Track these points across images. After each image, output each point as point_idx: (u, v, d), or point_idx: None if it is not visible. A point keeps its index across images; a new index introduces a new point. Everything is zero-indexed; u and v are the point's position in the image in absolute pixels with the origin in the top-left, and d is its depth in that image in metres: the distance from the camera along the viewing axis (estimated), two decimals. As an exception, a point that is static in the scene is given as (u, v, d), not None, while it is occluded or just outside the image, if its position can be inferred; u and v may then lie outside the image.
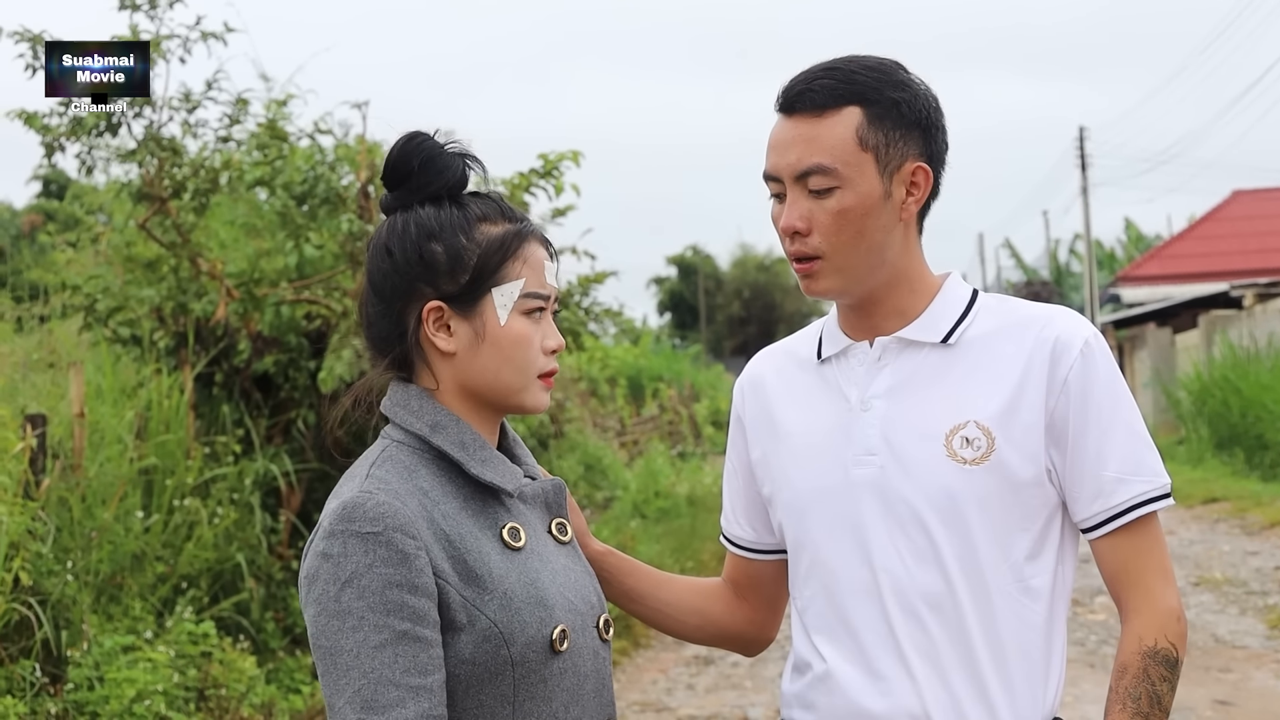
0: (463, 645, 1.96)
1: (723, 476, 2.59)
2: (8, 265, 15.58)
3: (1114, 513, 2.20)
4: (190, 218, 7.90)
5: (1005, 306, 2.30)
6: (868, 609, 2.24)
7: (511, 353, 2.07)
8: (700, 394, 32.57)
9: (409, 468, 2.04)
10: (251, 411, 8.17)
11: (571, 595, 2.09)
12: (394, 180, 2.11)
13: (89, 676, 5.78)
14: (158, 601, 6.71)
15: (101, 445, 7.20)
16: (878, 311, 2.29)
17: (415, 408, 2.08)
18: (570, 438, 16.41)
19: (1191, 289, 31.31)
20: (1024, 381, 2.21)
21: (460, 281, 2.05)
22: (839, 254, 2.21)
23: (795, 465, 2.35)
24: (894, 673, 2.22)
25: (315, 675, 5.87)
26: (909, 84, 2.23)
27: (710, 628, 2.56)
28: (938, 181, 2.28)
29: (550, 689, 2.02)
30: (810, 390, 2.37)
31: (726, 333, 67.48)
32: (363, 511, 1.94)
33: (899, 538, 2.22)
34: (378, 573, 1.90)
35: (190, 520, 7.18)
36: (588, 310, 8.77)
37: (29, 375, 8.16)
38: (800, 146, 2.21)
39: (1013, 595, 2.20)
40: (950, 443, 2.20)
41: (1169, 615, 2.18)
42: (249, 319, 8.03)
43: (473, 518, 2.04)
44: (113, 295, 8.15)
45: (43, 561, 6.04)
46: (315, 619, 1.93)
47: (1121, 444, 2.20)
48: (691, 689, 8.66)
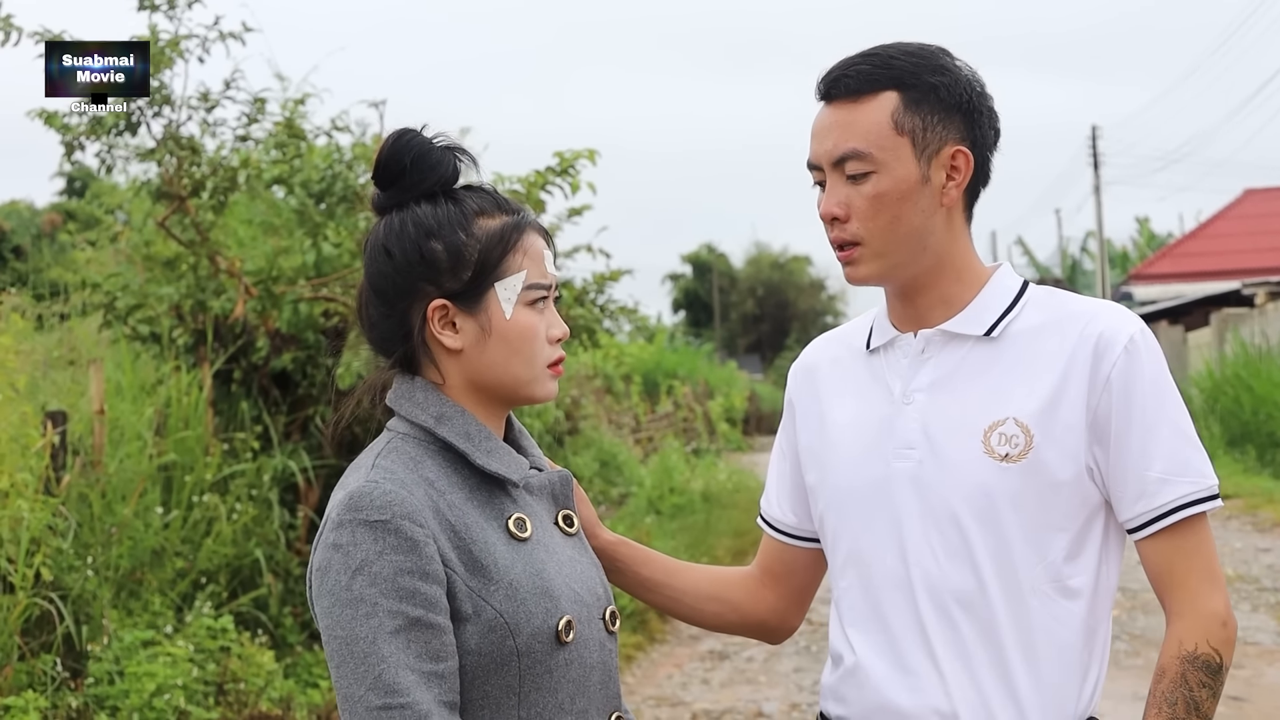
0: (468, 636, 1.95)
1: (771, 458, 2.56)
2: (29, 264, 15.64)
3: (1157, 514, 2.14)
4: (209, 216, 7.90)
5: (1054, 300, 2.25)
6: (899, 603, 2.22)
7: (519, 345, 2.06)
8: (714, 391, 32.54)
9: (414, 459, 2.03)
10: (270, 408, 8.18)
11: (577, 586, 2.07)
12: (386, 179, 2.08)
13: (109, 671, 5.79)
14: (177, 597, 6.72)
15: (121, 442, 7.21)
16: (923, 301, 2.26)
17: (420, 400, 2.07)
18: (585, 434, 16.41)
19: (1203, 287, 31.21)
20: (1066, 378, 2.16)
21: (463, 278, 2.04)
22: (877, 239, 2.19)
23: (839, 455, 2.32)
24: (923, 669, 2.19)
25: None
26: (949, 69, 2.20)
27: (730, 615, 2.53)
28: (986, 167, 2.24)
29: (556, 680, 2.01)
30: (859, 380, 2.34)
31: (740, 330, 67.46)
32: (370, 500, 1.93)
33: (933, 534, 2.19)
34: (388, 560, 1.90)
35: (209, 516, 7.19)
36: (603, 308, 8.76)
37: (50, 373, 8.17)
38: (837, 133, 2.19)
39: (1048, 595, 2.16)
40: (988, 439, 2.17)
41: (1213, 620, 2.13)
42: (267, 316, 8.03)
43: (479, 508, 2.03)
44: (132, 293, 8.17)
45: (63, 557, 6.05)
46: (329, 610, 1.92)
47: (1166, 443, 2.14)
48: (706, 684, 8.65)
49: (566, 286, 8.48)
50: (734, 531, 13.91)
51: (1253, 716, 7.12)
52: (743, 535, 13.64)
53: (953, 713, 2.17)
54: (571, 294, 8.46)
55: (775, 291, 67.77)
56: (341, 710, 1.92)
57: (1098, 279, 39.06)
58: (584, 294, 8.49)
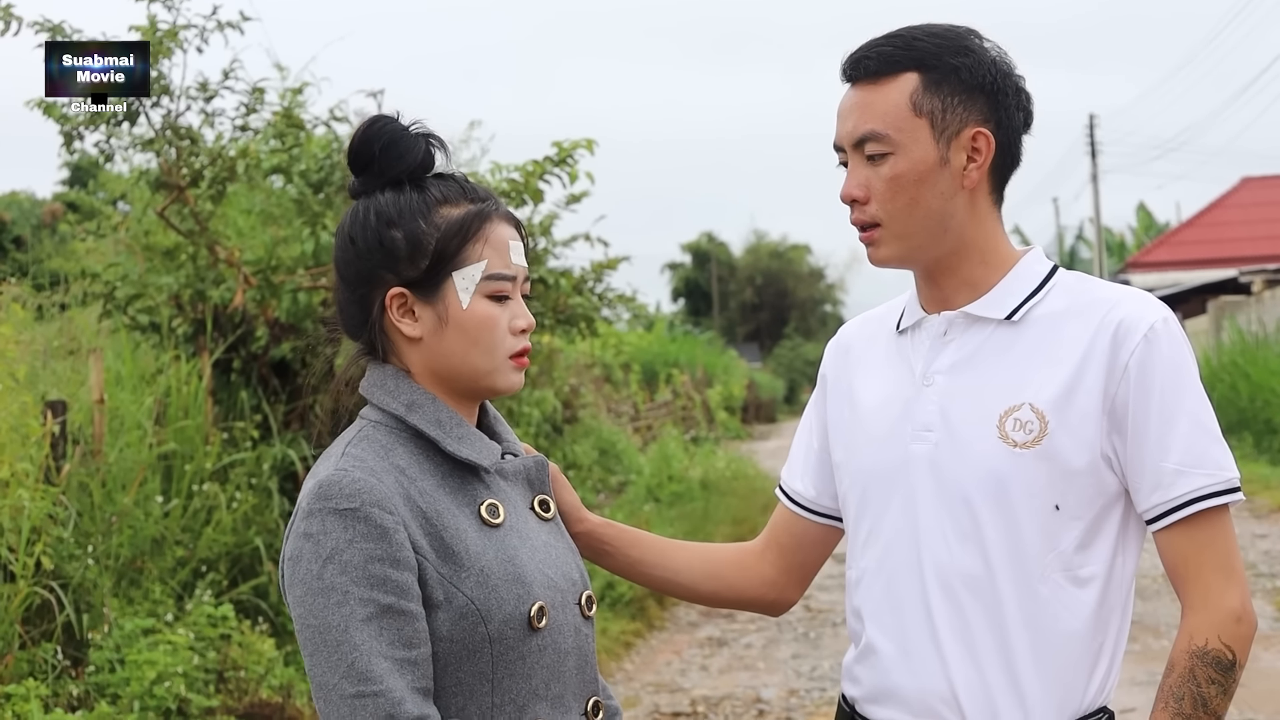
0: (440, 622, 1.95)
1: (797, 431, 2.54)
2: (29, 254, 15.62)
3: (1172, 505, 2.11)
4: (208, 206, 7.89)
5: (1081, 286, 2.22)
6: (909, 586, 2.21)
7: (477, 335, 2.04)
8: (713, 379, 32.55)
9: (386, 446, 2.02)
10: (269, 397, 8.17)
11: (551, 572, 2.06)
12: (358, 166, 2.08)
13: (110, 659, 5.79)
14: (177, 585, 6.72)
15: (121, 431, 7.21)
16: (948, 284, 2.24)
17: (391, 388, 2.07)
18: (584, 423, 16.41)
19: (1200, 275, 31.22)
20: (1084, 365, 2.13)
21: (420, 267, 2.03)
22: (896, 221, 2.18)
23: (864, 435, 2.31)
24: (925, 651, 2.18)
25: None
26: (974, 50, 2.18)
27: (728, 592, 2.52)
28: (1013, 149, 2.22)
29: (529, 666, 2.00)
30: (887, 360, 2.33)
31: (739, 319, 67.45)
32: (339, 489, 1.93)
33: (944, 517, 2.17)
34: (358, 548, 1.90)
35: (209, 505, 7.19)
36: (601, 296, 8.75)
37: (49, 362, 8.16)
38: (857, 114, 2.19)
39: (1058, 583, 2.13)
40: (1003, 424, 2.14)
41: (1226, 615, 2.10)
42: (266, 306, 8.02)
43: (450, 495, 2.02)
44: (132, 283, 8.16)
45: (64, 546, 6.05)
46: (301, 599, 1.92)
47: (1184, 435, 2.10)
48: (705, 670, 8.66)
49: (565, 275, 8.46)
50: (732, 519, 13.92)
51: (1248, 700, 7.12)
52: (741, 522, 13.65)
53: (953, 696, 2.16)
54: (570, 282, 8.43)
55: (774, 280, 67.75)
56: (316, 698, 1.92)
57: (1095, 267, 39.05)
58: (582, 282, 8.47)
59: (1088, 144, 42.25)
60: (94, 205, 12.52)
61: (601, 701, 2.14)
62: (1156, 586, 10.09)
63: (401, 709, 1.86)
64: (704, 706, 7.73)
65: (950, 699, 2.16)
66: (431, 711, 1.90)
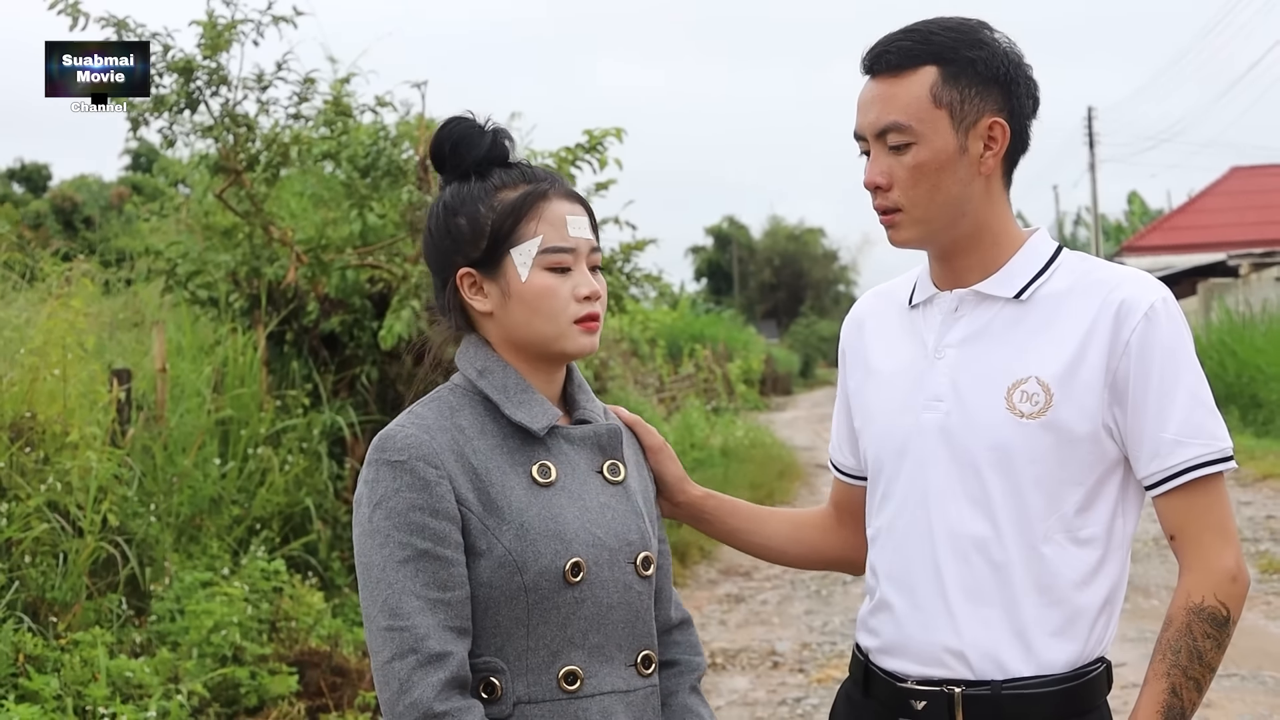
0: (482, 569, 2.01)
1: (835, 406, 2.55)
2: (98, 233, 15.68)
3: (1171, 473, 2.12)
4: (263, 189, 7.89)
5: (1084, 266, 2.23)
6: (920, 546, 2.21)
7: (537, 305, 2.09)
8: (733, 354, 32.50)
9: (453, 407, 2.10)
10: (319, 367, 8.18)
11: (600, 531, 2.08)
12: (437, 164, 2.18)
13: (170, 609, 5.82)
14: (233, 541, 6.74)
15: (182, 398, 7.25)
16: (961, 263, 2.24)
17: (471, 355, 2.14)
18: (613, 394, 16.41)
19: (1191, 259, 31.03)
20: (1087, 341, 2.13)
21: (481, 247, 2.10)
22: (917, 207, 2.17)
23: (879, 403, 2.32)
24: (935, 607, 2.19)
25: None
26: (987, 42, 2.17)
27: (813, 555, 2.54)
28: (1024, 135, 2.22)
29: (564, 615, 2.03)
30: (901, 333, 2.33)
31: (758, 298, 67.38)
32: (393, 442, 2.02)
33: (954, 482, 2.18)
34: (403, 497, 1.98)
35: (263, 467, 7.21)
36: (629, 275, 8.73)
37: (116, 334, 8.19)
38: (879, 105, 2.18)
39: (1060, 544, 2.14)
40: (1011, 396, 2.15)
41: (1222, 574, 2.11)
42: (317, 282, 8.03)
43: (507, 455, 2.07)
44: (192, 260, 8.19)
45: (128, 504, 6.09)
46: (358, 538, 2.02)
47: (1182, 408, 2.11)
48: (724, 624, 8.67)
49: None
50: (750, 484, 13.91)
51: (1231, 656, 7.09)
52: (758, 488, 13.64)
53: (960, 650, 2.17)
54: (602, 262, 8.41)
55: (791, 261, 67.67)
56: (365, 625, 2.00)
57: (1092, 251, 38.86)
58: (611, 262, 8.46)
59: (1086, 135, 41.98)
60: (157, 187, 12.54)
61: (653, 655, 2.15)
62: (1147, 550, 10.06)
63: (425, 644, 1.93)
64: (722, 658, 7.74)
65: (958, 652, 2.17)
66: (455, 649, 1.95)
